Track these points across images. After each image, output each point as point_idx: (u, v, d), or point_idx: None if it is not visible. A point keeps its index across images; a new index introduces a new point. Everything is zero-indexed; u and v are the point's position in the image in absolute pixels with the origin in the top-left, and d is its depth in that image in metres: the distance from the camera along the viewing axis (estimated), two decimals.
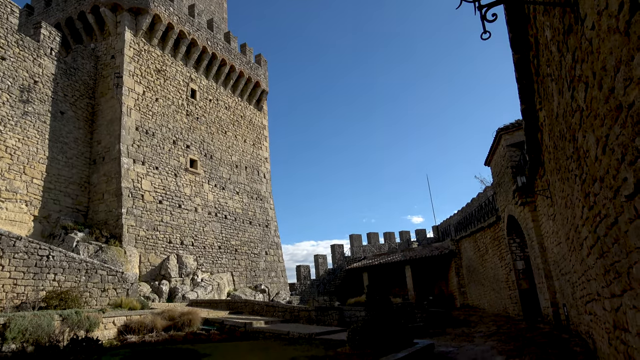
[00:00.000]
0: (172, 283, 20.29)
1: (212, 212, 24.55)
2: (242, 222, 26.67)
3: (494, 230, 20.79)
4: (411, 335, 9.10)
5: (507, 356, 8.98)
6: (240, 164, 28.16)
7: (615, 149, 2.71)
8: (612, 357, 5.10)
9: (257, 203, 28.66)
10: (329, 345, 10.12)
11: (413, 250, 34.75)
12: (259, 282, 26.08)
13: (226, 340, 12.31)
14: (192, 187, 23.72)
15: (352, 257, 39.57)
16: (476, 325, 16.54)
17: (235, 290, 23.89)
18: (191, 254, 22.28)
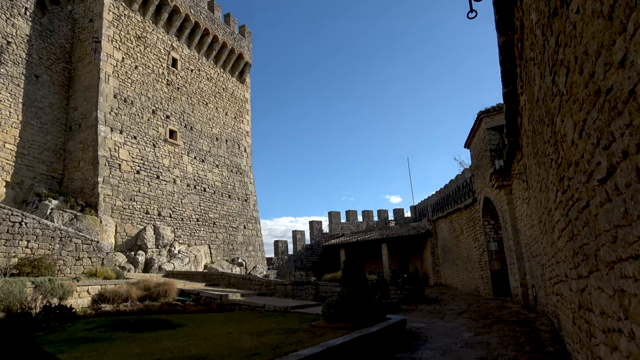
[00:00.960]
0: (148, 254, 20.19)
1: (191, 184, 24.34)
2: (221, 196, 26.53)
3: (470, 212, 21.19)
4: (385, 311, 9.28)
5: (476, 332, 9.27)
6: (221, 136, 27.84)
7: (591, 133, 2.76)
8: (575, 335, 5.31)
9: (237, 177, 28.50)
10: (304, 319, 10.27)
11: (390, 229, 35.23)
12: (236, 256, 26.15)
13: (202, 311, 12.37)
14: (171, 159, 23.42)
15: (330, 234, 39.91)
16: (448, 303, 16.99)
17: (212, 263, 23.93)
18: (168, 225, 22.14)
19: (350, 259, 9.11)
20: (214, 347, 6.19)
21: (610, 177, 2.48)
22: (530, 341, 7.96)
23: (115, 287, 12.45)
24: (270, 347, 5.91)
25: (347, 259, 9.17)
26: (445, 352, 7.37)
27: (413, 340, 8.76)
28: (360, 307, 8.42)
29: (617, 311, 2.79)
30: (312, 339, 6.61)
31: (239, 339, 7.05)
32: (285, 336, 7.12)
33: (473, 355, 7.03)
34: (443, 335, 9.26)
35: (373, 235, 33.79)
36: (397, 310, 14.49)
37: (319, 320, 9.19)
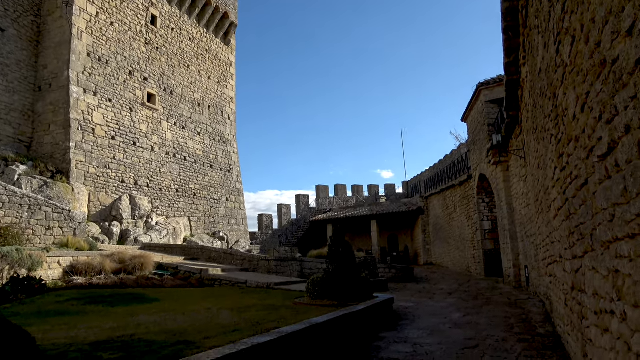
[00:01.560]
0: (123, 225, 20.14)
1: (170, 152, 24.13)
2: (202, 165, 26.39)
3: (465, 189, 21.40)
4: (372, 289, 9.43)
5: (465, 313, 9.50)
6: (203, 102, 27.49)
7: (594, 107, 2.77)
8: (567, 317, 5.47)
9: (220, 146, 28.31)
10: (287, 296, 10.41)
11: (380, 205, 35.51)
12: (217, 229, 26.22)
13: (180, 286, 12.46)
14: (149, 124, 23.12)
15: (317, 208, 40.13)
16: (438, 282, 17.32)
17: (192, 236, 23.99)
18: (146, 195, 22.03)
19: (337, 235, 9.19)
20: (192, 322, 6.26)
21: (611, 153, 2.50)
22: (521, 322, 8.17)
23: (88, 259, 12.45)
24: (251, 324, 5.99)
25: (335, 235, 9.25)
26: (432, 332, 7.55)
27: (400, 320, 8.94)
28: (346, 284, 8.54)
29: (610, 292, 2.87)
30: (295, 316, 6.71)
31: (218, 314, 7.13)
32: (267, 313, 7.22)
33: (462, 335, 7.21)
34: (431, 315, 9.47)
35: (362, 211, 34.07)
36: (385, 289, 14.75)
37: (303, 297, 9.32)
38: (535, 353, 5.99)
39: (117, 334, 5.31)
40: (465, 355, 5.98)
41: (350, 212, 34.54)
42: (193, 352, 4.19)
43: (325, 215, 35.66)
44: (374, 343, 6.86)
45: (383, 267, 18.66)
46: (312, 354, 5.39)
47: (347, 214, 34.02)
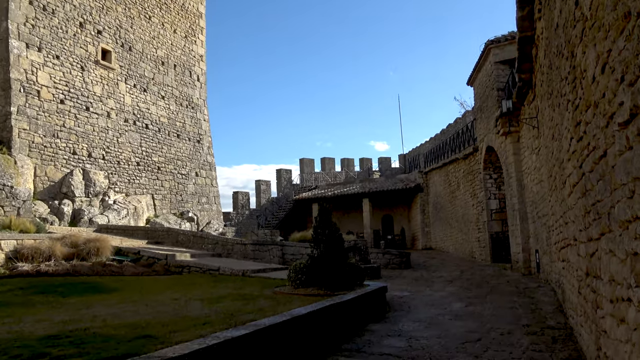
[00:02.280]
0: (76, 204, 20.00)
1: (129, 119, 23.84)
2: (167, 135, 26.16)
3: (469, 163, 21.57)
4: (362, 277, 9.56)
5: (467, 303, 9.69)
6: (168, 60, 27.09)
7: (615, 67, 2.78)
8: (580, 307, 5.60)
9: (188, 112, 28.04)
10: (266, 284, 10.50)
11: (374, 181, 35.69)
12: (186, 209, 26.18)
13: (143, 274, 12.48)
14: (104, 86, 22.75)
15: (301, 185, 40.21)
16: (437, 269, 17.59)
17: (156, 217, 23.93)
18: (102, 169, 21.84)
19: (324, 215, 9.25)
20: (157, 314, 6.29)
21: (633, 120, 2.53)
22: (529, 313, 8.37)
23: (35, 242, 12.37)
24: (224, 316, 6.04)
25: (321, 216, 9.30)
26: (430, 324, 7.70)
27: (394, 311, 9.09)
28: (333, 271, 8.63)
29: (627, 277, 2.94)
30: (275, 307, 6.78)
31: (186, 305, 7.18)
32: (243, 304, 7.28)
33: (462, 328, 7.37)
34: (429, 305, 9.64)
35: (353, 188, 34.22)
36: (377, 276, 14.94)
37: (285, 286, 9.42)
38: (543, 347, 6.15)
39: (69, 327, 5.32)
40: (466, 350, 6.12)
41: (339, 190, 34.68)
42: (157, 347, 4.22)
43: (310, 193, 35.75)
44: (364, 337, 6.98)
45: (376, 252, 18.85)
46: (294, 349, 5.47)
47: (335, 192, 34.15)
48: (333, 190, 34.81)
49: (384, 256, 18.54)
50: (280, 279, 11.26)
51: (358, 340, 6.79)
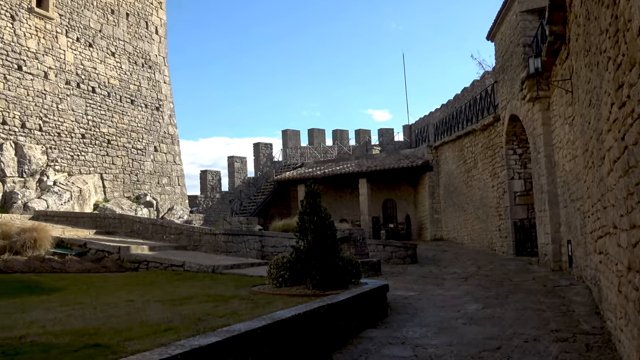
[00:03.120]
0: (7, 185, 19.88)
1: (72, 80, 23.61)
2: (119, 100, 25.96)
3: (489, 136, 21.64)
4: (359, 274, 9.62)
5: (485, 305, 9.80)
6: (119, 8, 26.75)
7: None
8: (620, 308, 5.68)
9: (144, 72, 27.80)
10: (242, 283, 10.53)
11: (373, 158, 35.73)
12: (143, 192, 26.12)
13: (91, 271, 12.47)
14: (40, 40, 22.46)
15: (284, 162, 40.20)
16: (450, 264, 17.74)
17: (106, 201, 23.86)
18: (38, 143, 21.67)
19: (312, 199, 9.27)
20: (108, 319, 6.30)
21: None
22: (559, 316, 8.48)
23: None
24: (190, 321, 6.06)
25: (308, 200, 9.31)
26: (440, 330, 7.78)
27: (397, 314, 9.18)
28: (323, 267, 8.68)
29: None
30: (252, 309, 6.82)
31: (145, 309, 7.19)
32: (214, 306, 7.31)
33: (479, 334, 7.45)
34: (439, 307, 9.74)
35: (348, 166, 34.28)
36: (377, 272, 15.06)
37: (264, 285, 9.48)
38: (575, 356, 6.24)
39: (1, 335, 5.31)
40: None
41: (331, 168, 34.71)
42: (108, 358, 4.23)
43: (295, 172, 35.76)
44: (361, 345, 7.05)
45: (375, 244, 18.97)
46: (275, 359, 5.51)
47: (325, 171, 34.18)
48: (323, 169, 34.84)
49: (384, 249, 18.66)
50: (259, 277, 11.28)
51: (353, 349, 6.86)
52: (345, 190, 35.04)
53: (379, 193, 34.49)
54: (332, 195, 34.75)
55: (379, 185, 34.09)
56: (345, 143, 42.09)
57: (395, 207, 34.97)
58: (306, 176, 33.11)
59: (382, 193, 34.71)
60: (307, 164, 38.04)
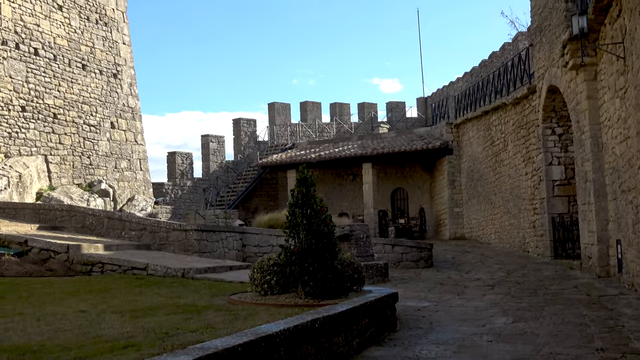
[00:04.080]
0: None
1: (9, 40, 23.50)
2: (68, 65, 25.86)
3: (522, 111, 21.63)
4: (362, 280, 9.63)
5: (516, 318, 9.84)
6: None
7: None
8: None
9: (99, 30, 27.69)
10: (218, 290, 10.53)
11: (380, 138, 35.67)
12: (97, 178, 26.08)
13: (33, 274, 12.46)
14: None
15: (270, 143, 40.17)
16: (473, 268, 17.79)
17: (52, 190, 23.82)
18: None
19: (305, 189, 9.28)
20: (55, 334, 6.29)
21: None
22: (605, 332, 8.51)
23: None
24: (155, 336, 6.06)
25: (300, 190, 9.32)
26: (461, 349, 7.81)
27: (408, 329, 9.21)
28: (318, 271, 8.69)
29: None
30: (231, 322, 6.82)
31: (99, 321, 7.19)
32: (184, 318, 7.31)
33: (508, 353, 7.48)
34: (460, 321, 9.77)
35: (349, 148, 34.21)
36: (384, 278, 15.11)
37: (246, 293, 9.50)
38: None
39: None
40: None
41: (328, 150, 34.66)
42: None
43: (284, 155, 35.69)
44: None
45: (382, 244, 19.00)
46: None
47: (321, 153, 34.12)
48: (318, 151, 34.78)
49: (393, 249, 18.70)
50: (239, 283, 11.29)
51: None
52: (346, 177, 35.05)
53: (387, 181, 34.50)
54: (329, 183, 34.78)
55: (387, 171, 34.09)
56: (346, 120, 42.09)
57: (407, 199, 34.99)
58: (298, 160, 33.09)
59: (391, 181, 34.73)
60: (299, 145, 37.98)
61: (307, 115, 41.67)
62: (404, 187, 34.99)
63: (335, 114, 42.18)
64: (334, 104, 42.57)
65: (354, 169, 33.85)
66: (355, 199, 33.99)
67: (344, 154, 33.45)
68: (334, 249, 9.13)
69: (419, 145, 31.61)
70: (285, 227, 9.45)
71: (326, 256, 8.88)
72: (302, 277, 8.76)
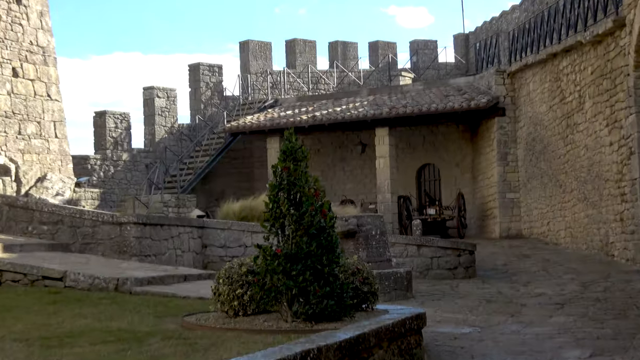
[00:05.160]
0: None
1: None
2: None
3: (605, 54, 21.55)
4: (373, 294, 9.61)
5: (595, 350, 9.83)
6: None
7: None
8: None
9: None
10: (167, 309, 10.49)
11: (401, 92, 35.57)
12: None
13: None
14: None
15: (244, 100, 40.11)
16: (534, 279, 17.80)
17: None
18: None
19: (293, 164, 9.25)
20: None
21: None
22: None
23: None
24: None
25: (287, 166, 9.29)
26: None
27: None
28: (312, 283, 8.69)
29: None
30: (186, 356, 6.81)
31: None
32: (119, 349, 7.29)
33: None
34: (514, 354, 9.78)
35: (356, 107, 34.05)
36: (405, 291, 15.09)
37: (209, 313, 9.46)
38: None
39: None
40: None
41: (326, 110, 34.53)
42: None
43: (263, 117, 35.58)
44: None
45: (403, 244, 18.97)
46: None
47: (316, 114, 33.99)
48: (312, 111, 34.64)
49: (420, 252, 18.66)
50: (198, 299, 11.27)
51: None
52: (352, 149, 35.02)
53: (411, 155, 34.50)
54: (328, 157, 34.82)
55: (411, 141, 34.10)
56: (352, 66, 42.08)
57: (439, 180, 34.99)
58: (282, 124, 33.02)
59: (417, 155, 34.72)
60: (284, 102, 37.87)
61: (295, 60, 41.58)
62: (435, 163, 34.96)
63: (336, 57, 42.13)
64: (335, 44, 42.52)
65: (363, 137, 33.78)
66: (365, 179, 33.98)
67: (349, 115, 33.24)
68: (334, 250, 9.10)
69: (457, 102, 31.48)
70: (264, 219, 9.42)
71: (323, 261, 8.85)
72: (289, 290, 8.72)
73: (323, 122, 33.19)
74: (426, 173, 35.11)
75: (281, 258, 8.81)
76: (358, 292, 9.21)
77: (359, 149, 34.60)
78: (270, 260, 8.86)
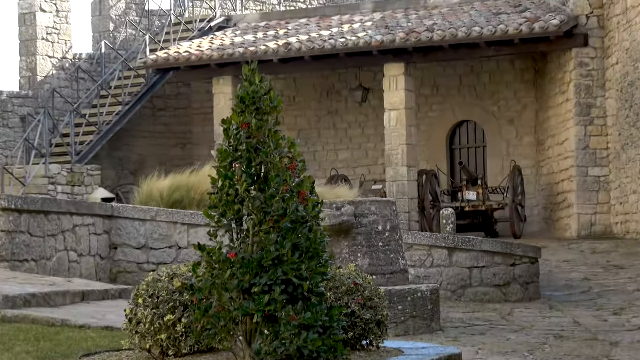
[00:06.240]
0: None
1: None
2: None
3: None
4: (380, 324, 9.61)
5: None
6: None
7: None
8: None
9: None
10: (54, 345, 10.50)
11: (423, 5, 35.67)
12: None
13: None
14: None
15: (176, 18, 40.19)
16: (629, 304, 17.85)
17: None
18: None
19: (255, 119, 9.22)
20: None
21: None
22: None
23: None
24: None
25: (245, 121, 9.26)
26: None
27: None
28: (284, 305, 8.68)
29: None
30: None
31: None
32: None
33: None
34: None
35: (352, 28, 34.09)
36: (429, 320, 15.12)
37: (120, 352, 9.46)
38: None
39: None
40: None
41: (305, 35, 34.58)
42: None
43: (207, 44, 35.62)
44: None
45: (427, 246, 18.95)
46: None
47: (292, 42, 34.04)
48: (285, 36, 34.68)
49: (452, 258, 18.66)
50: (104, 328, 11.28)
51: None
52: (346, 96, 35.04)
53: (440, 107, 34.60)
54: (308, 109, 34.91)
55: (440, 85, 34.13)
56: None
57: (483, 147, 35.06)
58: (238, 55, 33.06)
59: (448, 107, 34.81)
60: (240, 22, 37.96)
61: None
62: (478, 120, 35.02)
63: None
64: None
65: (364, 79, 33.81)
66: (367, 144, 34.11)
67: (344, 43, 33.17)
68: (319, 255, 9.06)
69: (514, 25, 31.49)
70: (209, 205, 9.33)
71: (302, 272, 8.81)
72: (248, 317, 8.68)
73: (302, 53, 33.05)
74: (463, 136, 35.09)
75: (236, 266, 8.74)
76: (356, 321, 9.16)
77: (358, 96, 34.55)
78: (219, 270, 8.77)
